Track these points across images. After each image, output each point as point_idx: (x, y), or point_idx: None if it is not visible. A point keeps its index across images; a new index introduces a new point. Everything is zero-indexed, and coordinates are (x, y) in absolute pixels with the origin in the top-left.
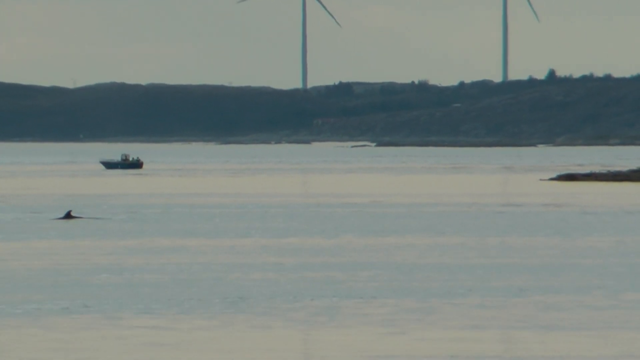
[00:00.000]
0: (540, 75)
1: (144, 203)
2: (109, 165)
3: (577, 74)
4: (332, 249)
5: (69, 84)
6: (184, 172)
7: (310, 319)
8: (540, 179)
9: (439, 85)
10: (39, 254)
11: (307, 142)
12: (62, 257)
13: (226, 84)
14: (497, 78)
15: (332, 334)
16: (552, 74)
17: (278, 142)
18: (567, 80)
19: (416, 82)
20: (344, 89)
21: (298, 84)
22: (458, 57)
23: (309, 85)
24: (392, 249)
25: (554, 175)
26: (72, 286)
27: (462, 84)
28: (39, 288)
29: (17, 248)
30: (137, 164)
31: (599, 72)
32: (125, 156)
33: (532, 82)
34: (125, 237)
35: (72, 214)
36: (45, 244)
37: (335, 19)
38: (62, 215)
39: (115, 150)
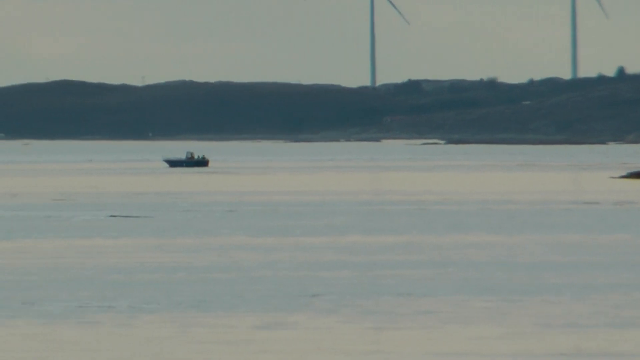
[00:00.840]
0: (610, 72)
1: (209, 201)
2: (173, 163)
3: None
4: (401, 247)
5: (138, 82)
6: (251, 170)
7: (374, 317)
8: (611, 177)
9: (508, 83)
10: (103, 252)
11: (377, 139)
12: (121, 255)
13: (295, 81)
14: (567, 75)
15: (398, 333)
16: (621, 71)
17: (347, 139)
18: (637, 77)
19: (485, 79)
20: (412, 87)
21: (367, 82)
22: (527, 55)
23: (378, 83)
24: (461, 247)
25: (624, 172)
26: (129, 285)
27: (531, 82)
28: (89, 285)
29: (78, 246)
30: (203, 162)
31: None
32: (191, 154)
33: (601, 80)
34: (190, 235)
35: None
36: (110, 242)
37: (403, 17)
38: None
39: (183, 148)
